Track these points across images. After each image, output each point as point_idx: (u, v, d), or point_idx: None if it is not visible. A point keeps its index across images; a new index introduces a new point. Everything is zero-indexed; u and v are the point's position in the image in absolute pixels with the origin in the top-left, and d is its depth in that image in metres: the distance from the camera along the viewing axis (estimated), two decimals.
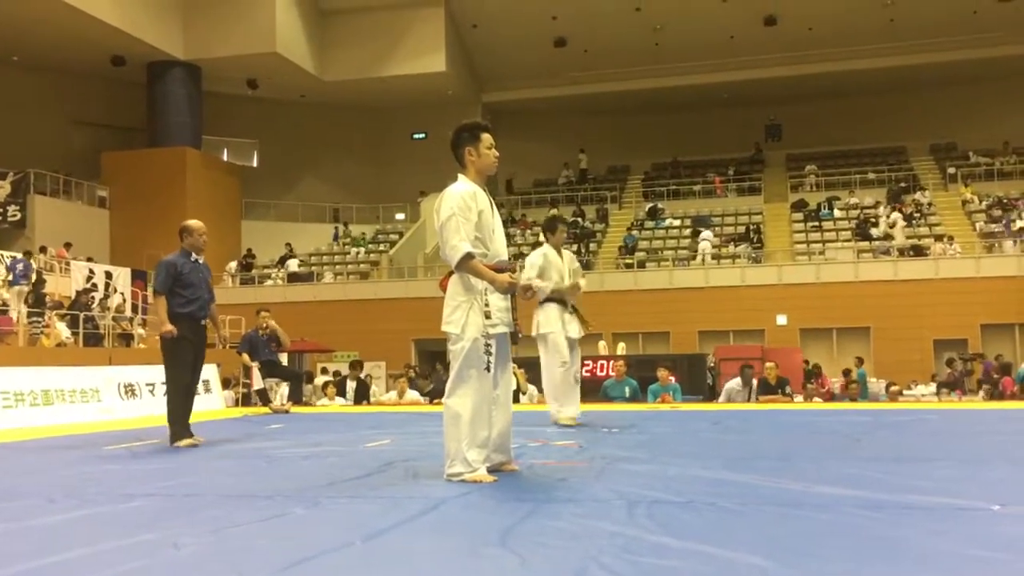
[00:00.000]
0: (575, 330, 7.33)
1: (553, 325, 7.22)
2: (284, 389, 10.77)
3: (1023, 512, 3.22)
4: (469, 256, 4.10)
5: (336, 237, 30.88)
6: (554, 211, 26.41)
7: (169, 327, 6.37)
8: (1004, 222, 23.59)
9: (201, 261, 6.76)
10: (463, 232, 4.11)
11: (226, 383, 13.63)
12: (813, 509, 3.27)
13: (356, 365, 14.37)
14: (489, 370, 4.14)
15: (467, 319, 4.14)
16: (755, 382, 11.74)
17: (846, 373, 16.92)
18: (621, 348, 17.59)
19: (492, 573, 2.48)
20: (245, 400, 13.70)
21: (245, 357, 10.59)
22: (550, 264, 7.27)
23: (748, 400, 11.51)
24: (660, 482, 4.02)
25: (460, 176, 4.35)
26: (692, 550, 2.62)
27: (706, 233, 25.64)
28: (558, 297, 7.26)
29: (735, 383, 11.90)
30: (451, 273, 4.26)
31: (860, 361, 19.15)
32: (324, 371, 17.91)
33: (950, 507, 3.30)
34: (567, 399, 7.26)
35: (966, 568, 2.44)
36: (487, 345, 4.13)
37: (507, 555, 2.64)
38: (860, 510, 3.20)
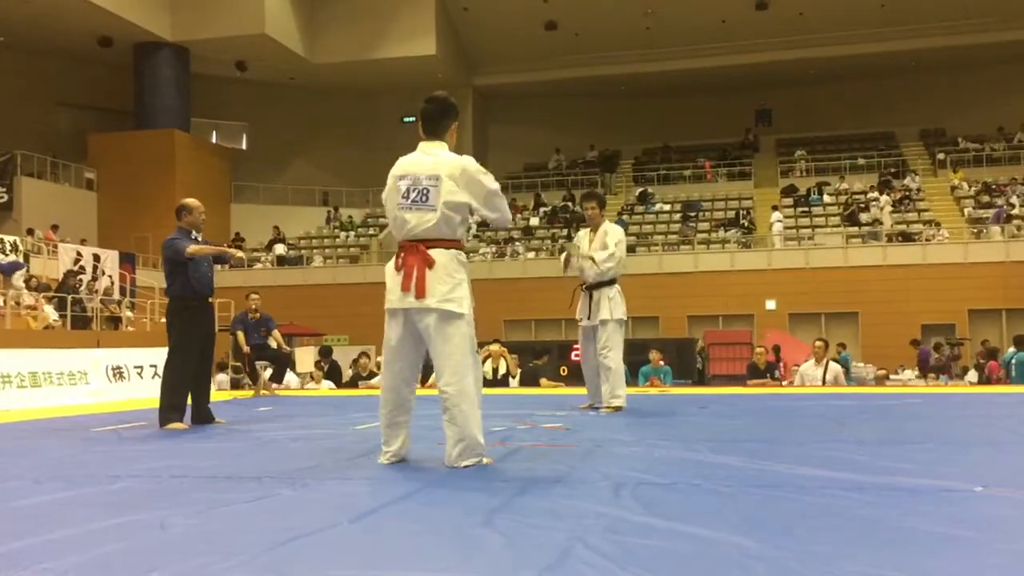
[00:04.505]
0: (585, 316, 7.13)
1: (579, 311, 7.18)
2: (267, 372, 10.77)
3: (1005, 493, 3.25)
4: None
5: (329, 220, 30.78)
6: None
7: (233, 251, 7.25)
8: (997, 212, 23.64)
9: (200, 239, 6.75)
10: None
11: (221, 367, 13.61)
12: (795, 491, 3.29)
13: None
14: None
15: (467, 297, 4.00)
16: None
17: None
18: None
19: (478, 553, 2.49)
20: (234, 382, 13.69)
21: (241, 336, 10.57)
22: (575, 247, 7.18)
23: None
24: (646, 464, 4.05)
25: (442, 144, 4.12)
26: (676, 530, 2.64)
27: (776, 215, 25.46)
28: (584, 282, 7.13)
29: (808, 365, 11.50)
30: (428, 247, 3.97)
31: (842, 347, 19.26)
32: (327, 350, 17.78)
33: (932, 488, 3.33)
34: (589, 385, 7.24)
35: (947, 548, 2.46)
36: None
37: (493, 535, 2.65)
38: (842, 491, 3.23)
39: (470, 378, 3.94)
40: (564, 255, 7.22)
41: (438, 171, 3.98)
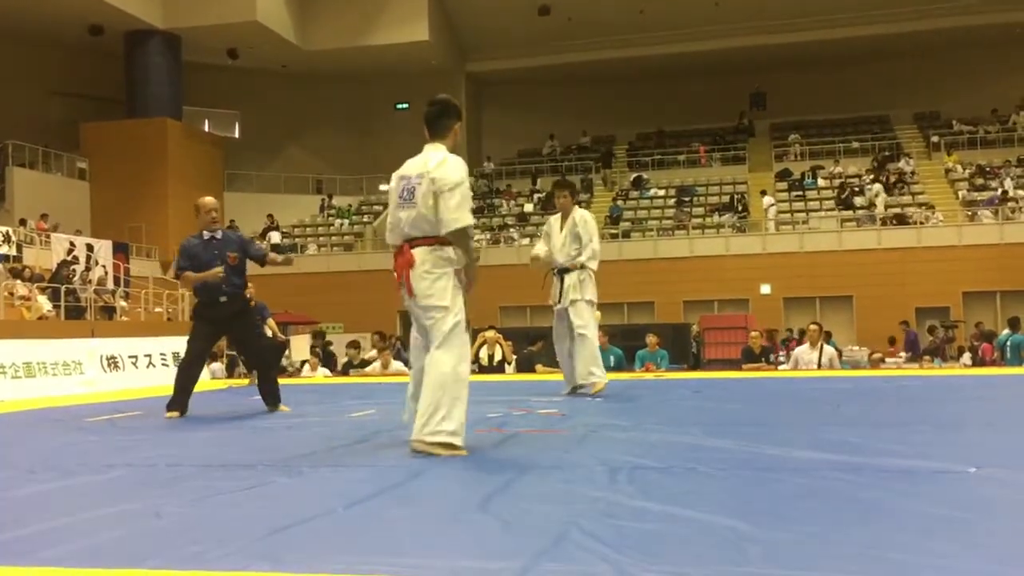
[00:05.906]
0: (556, 300, 7.22)
1: (551, 296, 7.32)
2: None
3: (998, 473, 3.26)
4: (468, 230, 4.10)
5: (323, 208, 30.70)
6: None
7: (214, 271, 6.33)
8: (991, 199, 23.62)
9: (218, 236, 6.64)
10: (468, 204, 4.12)
11: (213, 356, 13.57)
12: (790, 473, 3.31)
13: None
14: None
15: (449, 289, 4.07)
16: None
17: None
18: (597, 317, 17.55)
19: (474, 538, 2.49)
20: (230, 369, 13.69)
21: None
22: (545, 235, 7.44)
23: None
24: (641, 448, 4.06)
25: (439, 146, 4.24)
26: (671, 514, 2.65)
27: (767, 199, 25.28)
28: (555, 267, 7.27)
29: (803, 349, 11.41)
30: (412, 245, 4.12)
31: (828, 335, 19.15)
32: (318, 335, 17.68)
33: (926, 470, 3.34)
34: (564, 368, 7.39)
35: (940, 528, 2.47)
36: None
37: (489, 520, 2.66)
38: (836, 473, 3.24)
39: (445, 366, 3.97)
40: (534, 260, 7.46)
41: (422, 170, 4.15)
